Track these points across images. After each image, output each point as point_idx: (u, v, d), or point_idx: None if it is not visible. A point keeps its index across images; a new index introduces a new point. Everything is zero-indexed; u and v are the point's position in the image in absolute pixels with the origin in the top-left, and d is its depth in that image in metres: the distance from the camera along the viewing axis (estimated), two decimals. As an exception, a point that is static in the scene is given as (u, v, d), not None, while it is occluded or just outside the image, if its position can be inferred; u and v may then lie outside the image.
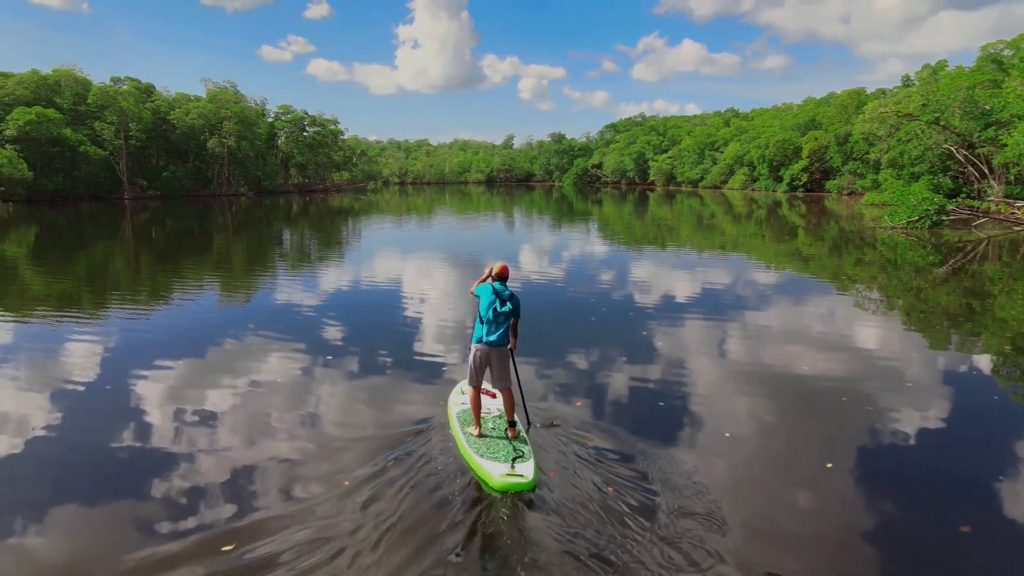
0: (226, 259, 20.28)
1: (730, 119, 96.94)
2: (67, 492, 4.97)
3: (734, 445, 5.81)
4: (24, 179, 49.07)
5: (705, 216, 39.66)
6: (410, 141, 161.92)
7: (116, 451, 5.69)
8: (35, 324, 10.67)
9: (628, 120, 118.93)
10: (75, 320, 11.01)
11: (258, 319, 11.01)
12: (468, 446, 5.34)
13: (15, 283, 15.16)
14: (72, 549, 4.20)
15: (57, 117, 52.58)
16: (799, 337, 9.67)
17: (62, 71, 58.76)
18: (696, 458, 5.49)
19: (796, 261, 19.22)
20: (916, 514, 4.68)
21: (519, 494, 4.76)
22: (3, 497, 4.91)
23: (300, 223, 36.35)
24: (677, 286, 14.16)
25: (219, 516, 4.53)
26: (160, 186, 61.49)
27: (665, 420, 6.38)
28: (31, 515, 4.62)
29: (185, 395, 7.06)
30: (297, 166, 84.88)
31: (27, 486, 5.08)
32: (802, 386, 7.44)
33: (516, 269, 16.84)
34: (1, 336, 9.76)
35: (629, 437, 5.85)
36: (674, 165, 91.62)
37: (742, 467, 5.38)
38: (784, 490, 5.02)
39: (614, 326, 10.44)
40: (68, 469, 5.39)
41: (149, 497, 4.84)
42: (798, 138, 66.14)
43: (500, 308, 5.56)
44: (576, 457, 5.38)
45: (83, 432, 6.14)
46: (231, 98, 69.72)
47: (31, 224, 32.64)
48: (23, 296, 13.50)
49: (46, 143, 52.28)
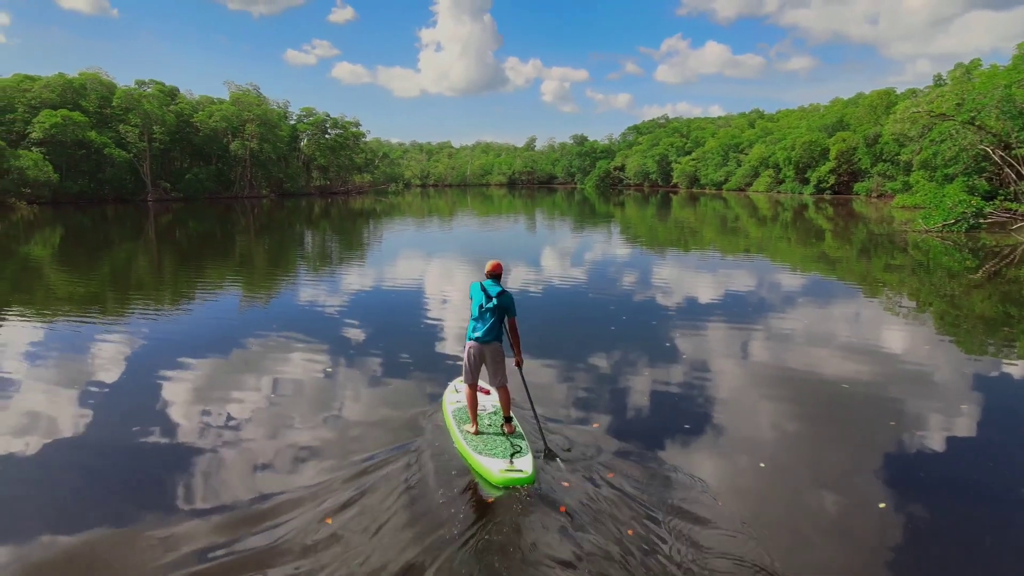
0: (248, 261, 20.36)
1: (755, 120, 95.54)
2: (95, 483, 5.16)
3: (761, 463, 5.47)
4: (50, 181, 49.93)
5: (729, 219, 38.96)
6: (432, 143, 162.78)
7: (141, 445, 5.79)
8: (62, 324, 10.72)
9: (651, 122, 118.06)
10: (100, 320, 11.07)
11: (279, 320, 10.96)
12: (466, 444, 5.37)
13: (41, 284, 15.34)
14: (99, 534, 4.37)
15: (82, 120, 53.44)
16: (829, 344, 9.24)
17: (88, 74, 59.75)
18: (721, 478, 5.19)
19: (823, 265, 18.63)
20: (945, 527, 4.44)
21: (519, 489, 4.80)
22: (36, 490, 5.05)
23: (322, 225, 36.56)
24: (700, 290, 13.77)
25: (231, 503, 4.72)
26: (183, 188, 62.33)
27: (687, 433, 6.07)
28: (62, 506, 4.79)
29: (207, 392, 7.11)
30: (319, 168, 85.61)
31: (58, 478, 5.23)
32: (837, 397, 7.05)
33: (537, 272, 16.62)
34: (29, 336, 9.82)
35: (645, 452, 5.57)
36: (697, 167, 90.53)
37: (770, 482, 5.07)
38: (812, 512, 4.69)
39: (634, 333, 10.12)
40: (94, 462, 5.51)
41: (170, 485, 5.04)
42: (825, 139, 64.81)
43: (486, 304, 5.58)
44: (591, 473, 5.11)
45: (109, 427, 6.22)
46: (254, 100, 70.54)
47: (56, 226, 33.22)
48: (50, 297, 13.62)
49: (71, 145, 53.15)
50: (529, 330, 9.62)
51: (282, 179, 74.56)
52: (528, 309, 11.91)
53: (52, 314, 11.58)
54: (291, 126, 79.38)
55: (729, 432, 6.07)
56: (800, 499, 4.84)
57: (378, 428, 6.08)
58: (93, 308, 12.24)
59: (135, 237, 28.38)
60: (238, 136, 67.28)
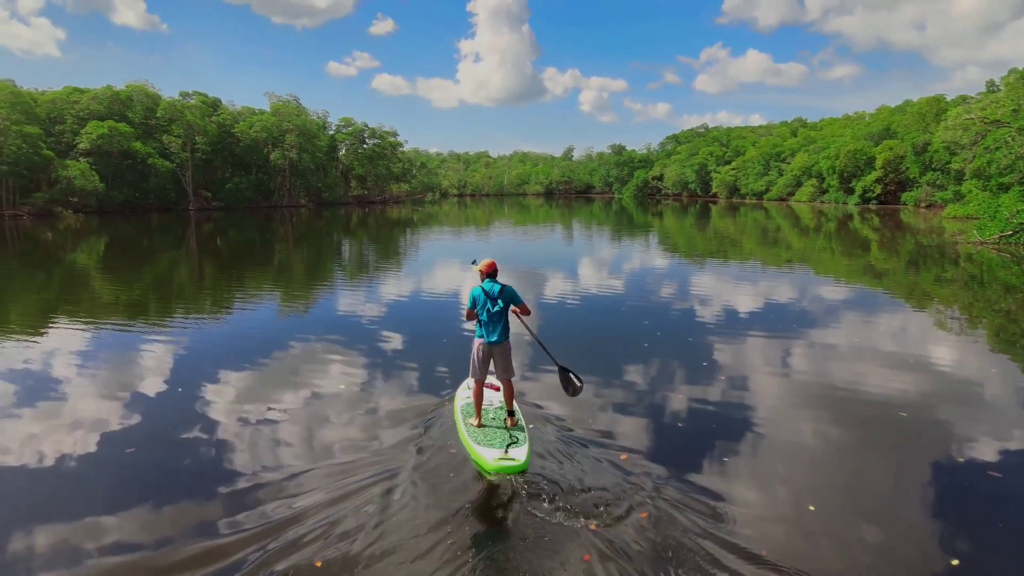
0: (287, 269, 20.87)
1: (797, 129, 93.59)
2: (140, 480, 5.39)
3: (811, 506, 5.32)
4: (96, 190, 51.60)
5: (770, 229, 38.21)
6: (470, 153, 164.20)
7: (182, 445, 6.02)
8: (107, 330, 11.16)
9: (690, 131, 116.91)
10: (144, 327, 11.49)
11: (316, 326, 11.20)
12: (468, 435, 5.69)
13: (87, 291, 16.01)
14: (140, 523, 4.66)
15: (128, 130, 55.05)
16: (879, 360, 8.97)
17: (134, 86, 61.64)
18: (765, 522, 5.03)
19: (870, 277, 18.08)
20: (992, 555, 4.22)
21: (512, 476, 5.13)
22: (84, 487, 5.27)
23: (359, 234, 37.21)
24: (739, 304, 13.51)
25: (261, 495, 5.03)
26: (224, 197, 63.77)
27: (724, 465, 5.92)
28: (109, 499, 5.04)
29: (247, 396, 7.28)
30: (357, 178, 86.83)
31: (104, 477, 5.48)
32: (897, 426, 6.83)
33: (573, 283, 16.61)
34: (76, 342, 10.23)
35: (679, 484, 5.44)
36: (738, 177, 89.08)
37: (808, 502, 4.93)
38: (856, 538, 4.54)
39: (669, 350, 9.97)
40: (139, 462, 5.72)
41: (208, 480, 5.33)
42: (871, 148, 63.05)
43: (492, 308, 5.86)
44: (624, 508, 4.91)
45: (153, 429, 6.44)
46: (293, 111, 71.71)
47: (101, 235, 34.45)
48: (96, 304, 14.21)
49: (117, 156, 54.79)
50: (561, 341, 9.62)
51: (320, 188, 75.76)
52: (561, 321, 11.90)
53: (98, 320, 12.04)
54: (330, 136, 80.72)
55: (772, 467, 5.79)
56: (856, 556, 4.69)
57: (399, 423, 6.52)
58: (137, 315, 12.70)
59: (177, 246, 29.31)
60: (278, 146, 68.65)
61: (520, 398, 6.76)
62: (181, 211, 58.64)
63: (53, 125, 55.05)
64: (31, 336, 10.68)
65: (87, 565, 4.15)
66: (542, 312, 12.66)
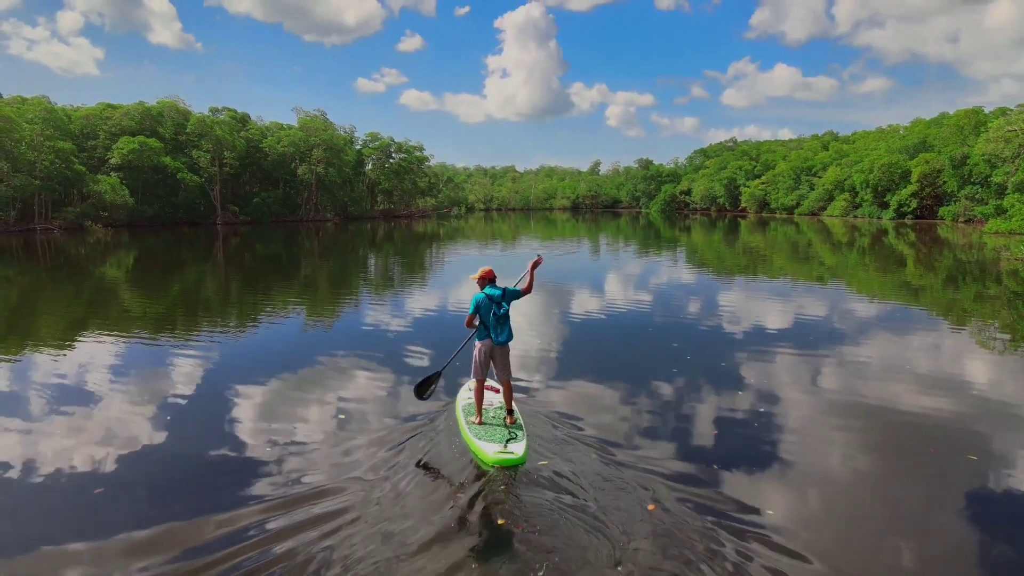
0: (312, 283, 21.11)
1: (828, 142, 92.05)
2: (166, 486, 5.50)
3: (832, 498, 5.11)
4: (126, 205, 52.85)
5: (801, 244, 37.48)
6: (496, 168, 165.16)
7: (206, 454, 6.18)
8: (135, 343, 11.35)
9: (719, 145, 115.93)
10: (173, 340, 11.70)
11: (339, 339, 11.31)
12: (469, 431, 6.04)
13: (117, 304, 16.36)
14: (165, 532, 4.75)
15: (157, 146, 56.30)
16: (920, 380, 8.62)
17: (166, 102, 63.09)
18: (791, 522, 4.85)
19: (906, 294, 17.52)
20: None
21: (511, 468, 5.46)
22: (118, 492, 5.43)
23: (385, 248, 37.52)
24: (770, 322, 13.19)
25: (281, 489, 5.37)
26: (251, 211, 64.63)
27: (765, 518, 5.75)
28: (141, 504, 5.24)
29: (272, 408, 7.37)
30: (383, 192, 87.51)
31: (136, 481, 5.68)
32: (936, 439, 6.54)
33: (599, 298, 16.49)
34: (104, 354, 10.43)
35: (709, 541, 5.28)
36: (767, 191, 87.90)
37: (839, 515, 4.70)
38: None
39: (699, 379, 9.76)
40: (165, 468, 5.89)
41: (236, 473, 5.66)
42: (907, 161, 61.68)
43: (499, 312, 6.31)
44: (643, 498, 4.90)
45: (178, 437, 6.61)
46: (321, 126, 72.53)
47: (131, 248, 35.17)
48: (125, 317, 14.51)
49: (147, 170, 55.93)
50: (584, 362, 9.47)
51: (347, 203, 76.52)
52: (584, 341, 11.75)
53: (125, 333, 12.25)
54: (357, 151, 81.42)
55: (805, 486, 5.67)
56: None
57: (408, 422, 6.94)
58: (164, 328, 12.92)
59: (204, 259, 29.79)
60: (305, 161, 69.47)
61: (551, 407, 7.24)
62: (209, 225, 59.73)
63: (86, 140, 56.51)
64: (61, 348, 10.93)
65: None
66: (568, 329, 12.55)
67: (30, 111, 50.92)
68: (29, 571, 4.25)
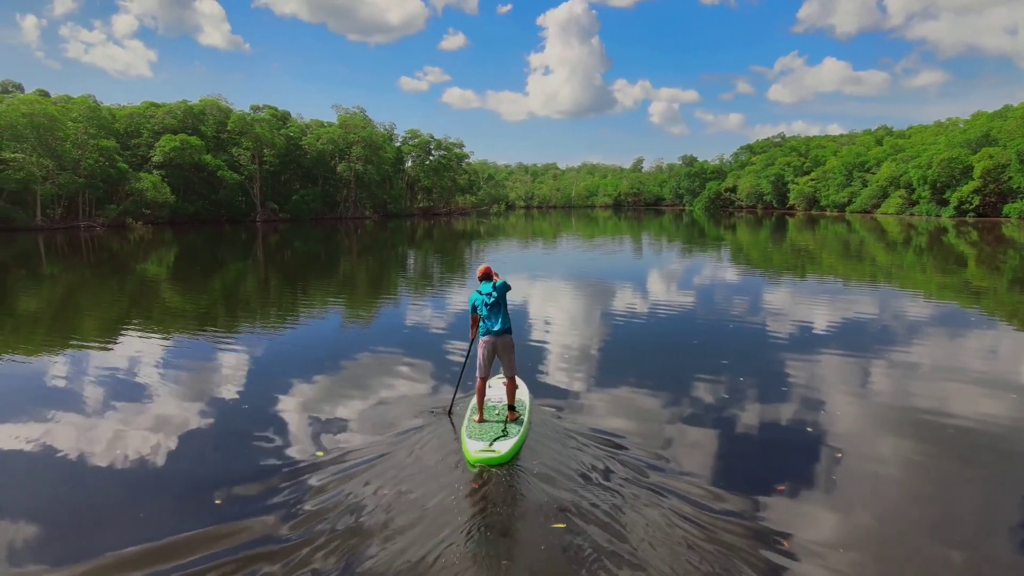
0: (351, 280, 21.38)
1: (883, 137, 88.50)
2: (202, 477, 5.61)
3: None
4: (167, 202, 54.11)
5: (853, 243, 36.10)
6: (538, 165, 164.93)
7: (240, 444, 6.25)
8: (177, 339, 11.67)
9: (766, 141, 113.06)
10: (215, 335, 12.00)
11: (374, 338, 11.35)
12: (465, 429, 6.00)
13: (158, 302, 16.80)
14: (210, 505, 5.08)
15: (198, 144, 57.31)
16: (994, 387, 8.12)
17: (208, 100, 64.22)
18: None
19: (969, 296, 16.60)
20: None
21: (495, 467, 5.36)
22: (171, 476, 5.68)
23: (425, 246, 37.71)
24: (817, 320, 12.65)
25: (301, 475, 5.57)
26: (290, 209, 65.53)
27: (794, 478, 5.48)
28: (191, 484, 5.49)
29: (313, 404, 7.43)
30: (423, 189, 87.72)
31: (186, 467, 5.89)
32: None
33: (642, 297, 16.25)
34: (144, 350, 10.73)
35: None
36: (817, 188, 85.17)
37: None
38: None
39: (739, 369, 9.43)
40: (205, 458, 6.06)
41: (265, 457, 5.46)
42: (968, 156, 58.74)
43: (489, 301, 6.35)
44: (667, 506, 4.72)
45: (216, 433, 6.68)
46: (359, 123, 72.70)
47: (172, 246, 36.02)
48: (166, 314, 14.94)
49: (188, 168, 57.16)
50: (616, 363, 9.26)
51: (386, 200, 76.83)
52: (619, 342, 11.52)
53: (168, 330, 12.59)
54: (396, 148, 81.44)
55: (859, 497, 5.40)
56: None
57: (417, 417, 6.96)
58: (206, 325, 13.18)
59: (244, 257, 30.32)
60: (344, 158, 69.75)
61: (575, 411, 7.08)
62: (249, 222, 60.49)
63: (130, 139, 57.91)
64: (105, 343, 11.30)
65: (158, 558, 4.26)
66: (606, 327, 12.34)
67: (75, 109, 52.37)
68: (94, 551, 4.33)
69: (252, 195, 63.22)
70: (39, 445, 6.29)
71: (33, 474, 5.74)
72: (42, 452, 6.14)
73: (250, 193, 63.04)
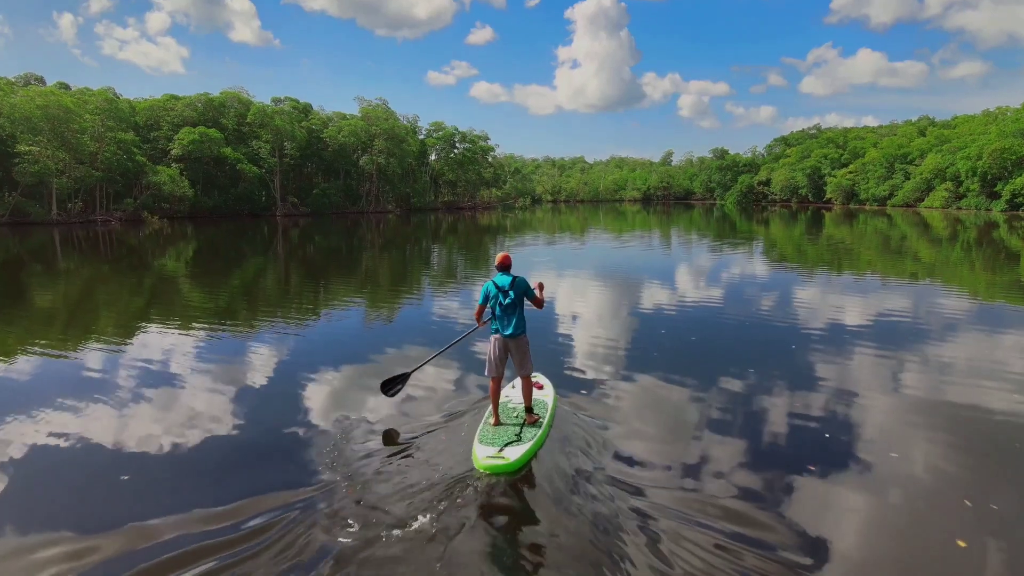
0: (373, 276, 20.86)
1: (926, 128, 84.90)
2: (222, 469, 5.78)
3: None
4: (186, 196, 53.42)
5: (894, 239, 34.30)
6: (565, 159, 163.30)
7: (263, 442, 6.26)
8: (195, 335, 11.21)
9: (801, 132, 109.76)
10: (236, 331, 11.73)
11: (395, 335, 10.99)
12: (478, 433, 5.61)
13: (179, 296, 16.46)
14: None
15: (217, 136, 56.06)
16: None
17: (229, 93, 63.10)
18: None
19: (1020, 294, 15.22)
20: None
21: (501, 474, 4.97)
22: (195, 470, 5.70)
23: (448, 241, 36.96)
24: (855, 319, 11.57)
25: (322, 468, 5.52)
26: (311, 203, 64.09)
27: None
28: (218, 479, 5.53)
29: (337, 397, 7.53)
30: (447, 183, 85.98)
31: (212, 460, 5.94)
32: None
33: (671, 292, 15.59)
34: (164, 344, 10.35)
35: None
36: (856, 181, 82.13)
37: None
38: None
39: (768, 370, 8.50)
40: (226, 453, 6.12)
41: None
42: (1022, 146, 55.62)
43: (504, 300, 5.82)
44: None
45: (237, 429, 6.48)
46: (382, 115, 70.51)
47: (190, 240, 35.59)
48: (187, 309, 14.56)
49: (208, 162, 56.37)
50: (643, 363, 8.47)
51: (409, 194, 74.90)
52: (647, 340, 10.69)
53: (188, 325, 12.17)
54: (420, 141, 79.22)
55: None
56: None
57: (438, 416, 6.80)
58: (225, 320, 12.85)
59: (264, 251, 29.83)
60: (367, 151, 67.87)
61: (600, 411, 6.74)
62: (269, 216, 59.57)
63: (150, 132, 57.25)
64: (124, 337, 11.05)
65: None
66: (634, 323, 11.63)
67: (92, 102, 51.46)
68: (121, 540, 4.41)
69: (273, 189, 62.07)
70: (67, 437, 6.32)
71: (58, 463, 5.76)
72: (73, 443, 6.18)
73: (271, 187, 61.94)
